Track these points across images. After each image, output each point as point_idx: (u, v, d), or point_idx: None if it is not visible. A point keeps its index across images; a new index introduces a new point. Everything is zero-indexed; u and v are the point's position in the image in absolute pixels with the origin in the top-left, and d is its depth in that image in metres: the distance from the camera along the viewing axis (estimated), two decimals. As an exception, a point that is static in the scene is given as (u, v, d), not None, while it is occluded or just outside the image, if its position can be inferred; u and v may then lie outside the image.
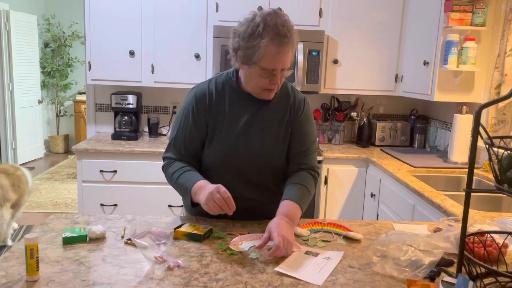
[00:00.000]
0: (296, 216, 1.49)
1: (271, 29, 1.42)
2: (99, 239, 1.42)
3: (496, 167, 1.07)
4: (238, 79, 1.60)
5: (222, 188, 1.40)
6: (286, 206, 1.49)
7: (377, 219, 2.89)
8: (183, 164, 1.57)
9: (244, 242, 1.43)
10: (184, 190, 1.52)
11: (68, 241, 1.38)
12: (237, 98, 1.59)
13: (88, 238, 1.41)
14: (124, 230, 1.49)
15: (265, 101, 1.60)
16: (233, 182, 1.57)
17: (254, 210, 1.63)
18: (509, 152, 1.05)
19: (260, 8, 3.18)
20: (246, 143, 1.56)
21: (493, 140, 1.07)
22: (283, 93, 1.63)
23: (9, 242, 3.56)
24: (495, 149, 1.06)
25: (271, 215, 1.66)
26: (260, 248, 1.35)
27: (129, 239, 1.39)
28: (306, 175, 1.61)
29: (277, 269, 1.24)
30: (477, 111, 1.05)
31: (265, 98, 1.57)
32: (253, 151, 1.57)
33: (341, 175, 3.15)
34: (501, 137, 1.13)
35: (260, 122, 1.59)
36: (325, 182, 3.15)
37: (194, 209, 1.64)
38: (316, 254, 1.36)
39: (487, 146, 1.06)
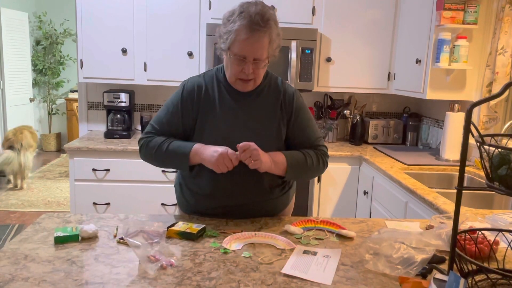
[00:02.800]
0: (279, 160, 1.54)
1: (244, 14, 1.44)
2: (91, 238, 1.41)
3: (487, 165, 1.08)
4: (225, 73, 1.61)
5: (230, 150, 1.46)
6: (273, 152, 1.55)
7: (370, 217, 2.91)
8: (166, 137, 1.60)
9: (237, 241, 1.43)
10: (180, 155, 1.54)
11: (60, 241, 1.37)
12: (225, 92, 1.60)
13: (80, 238, 1.40)
14: (117, 229, 1.48)
15: (254, 95, 1.60)
16: (224, 177, 1.55)
17: (246, 207, 1.62)
18: (499, 150, 1.05)
19: (253, 6, 3.17)
20: (235, 137, 1.56)
21: (484, 138, 1.08)
22: (273, 88, 1.63)
23: (25, 185, 5.21)
24: (486, 147, 1.07)
25: (264, 213, 1.66)
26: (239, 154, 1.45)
27: (122, 238, 1.39)
28: (309, 151, 1.63)
29: (283, 271, 1.22)
30: (468, 110, 1.06)
31: (240, 90, 1.58)
32: None
33: (334, 173, 3.16)
34: (492, 135, 1.14)
35: (249, 116, 1.59)
36: (318, 180, 3.15)
37: (186, 205, 1.68)
38: (315, 253, 1.35)
39: (478, 144, 1.07)
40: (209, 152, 1.49)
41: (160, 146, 1.57)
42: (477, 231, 1.30)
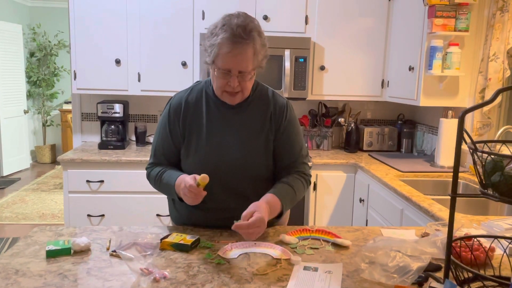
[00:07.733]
0: (276, 209, 1.50)
1: (226, 27, 1.43)
2: (83, 252, 1.39)
3: (480, 171, 1.08)
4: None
5: (187, 183, 1.42)
6: (269, 197, 1.50)
7: (366, 225, 2.90)
8: (162, 167, 1.63)
9: (233, 250, 1.41)
10: (169, 189, 1.57)
11: (52, 254, 1.35)
12: (213, 105, 1.59)
13: (72, 251, 1.38)
14: (110, 241, 1.46)
15: (243, 107, 1.59)
16: (214, 191, 1.53)
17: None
18: (492, 156, 1.05)
19: (246, 16, 3.18)
20: (223, 151, 1.55)
21: (477, 145, 1.08)
22: (262, 99, 1.62)
23: None
24: (479, 154, 1.07)
25: None
26: (238, 227, 1.36)
27: (115, 251, 1.37)
28: (295, 178, 1.61)
29: None
30: (460, 116, 1.06)
31: (228, 102, 1.56)
32: (231, 159, 1.55)
33: (329, 181, 3.15)
34: (485, 142, 1.14)
35: (237, 129, 1.58)
36: (314, 188, 3.14)
37: (179, 217, 1.67)
38: (316, 269, 1.31)
39: (471, 150, 1.07)
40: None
41: (156, 180, 1.62)
42: (473, 238, 1.29)
